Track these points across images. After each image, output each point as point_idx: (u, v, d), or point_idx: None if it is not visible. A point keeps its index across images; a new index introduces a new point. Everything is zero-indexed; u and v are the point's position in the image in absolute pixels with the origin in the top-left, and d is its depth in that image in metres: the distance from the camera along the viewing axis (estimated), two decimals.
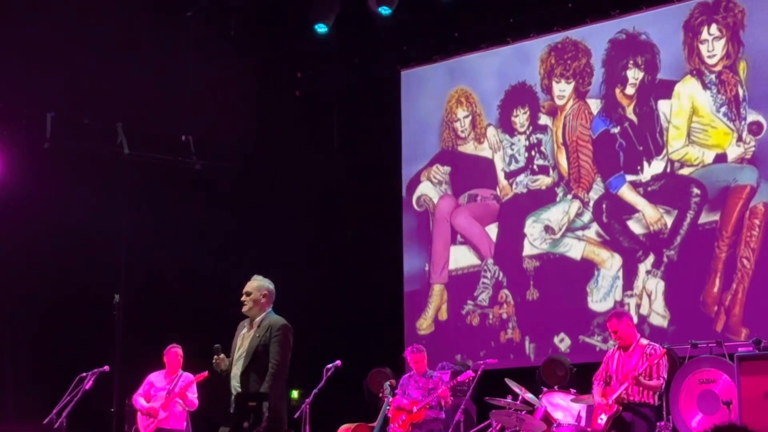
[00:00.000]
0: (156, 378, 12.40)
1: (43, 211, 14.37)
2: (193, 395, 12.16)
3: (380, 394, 12.89)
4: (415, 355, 12.35)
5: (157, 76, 14.73)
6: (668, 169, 13.37)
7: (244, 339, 8.39)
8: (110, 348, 12.14)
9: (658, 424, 10.46)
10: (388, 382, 12.76)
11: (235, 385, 8.17)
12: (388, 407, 12.46)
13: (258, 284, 8.57)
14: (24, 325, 14.24)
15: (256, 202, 16.04)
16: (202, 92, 15.15)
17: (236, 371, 8.26)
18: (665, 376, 9.94)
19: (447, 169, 15.47)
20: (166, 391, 12.20)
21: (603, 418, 9.89)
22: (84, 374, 11.23)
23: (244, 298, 8.50)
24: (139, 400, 12.30)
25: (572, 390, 11.71)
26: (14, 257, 14.24)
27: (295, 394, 15.36)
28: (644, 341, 10.19)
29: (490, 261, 14.83)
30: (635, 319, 13.00)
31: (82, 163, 14.80)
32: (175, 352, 12.32)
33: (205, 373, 12.06)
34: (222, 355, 8.46)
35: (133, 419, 12.54)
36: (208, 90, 15.09)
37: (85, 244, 14.55)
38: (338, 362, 12.37)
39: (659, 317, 13.22)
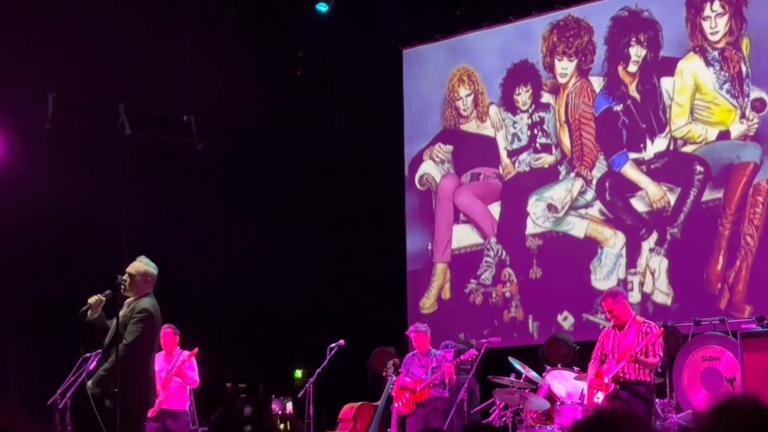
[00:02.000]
0: (156, 359, 12.40)
1: (44, 192, 14.35)
2: (192, 373, 12.15)
3: (383, 373, 12.90)
4: (418, 334, 12.35)
5: (159, 56, 14.70)
6: (671, 147, 13.35)
7: (118, 319, 8.53)
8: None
9: (659, 401, 10.47)
10: (391, 361, 12.77)
11: (102, 359, 8.56)
12: (391, 386, 12.47)
13: (140, 266, 8.80)
14: (26, 306, 14.24)
15: (258, 182, 16.02)
16: (203, 72, 15.11)
17: (104, 346, 8.61)
18: (661, 354, 9.94)
19: (449, 147, 15.44)
20: (165, 372, 12.20)
21: (600, 397, 9.90)
22: (87, 355, 11.20)
23: (125, 277, 8.63)
24: None
25: (575, 368, 11.71)
26: (16, 239, 14.24)
27: (298, 373, 15.38)
28: (639, 318, 10.20)
29: (493, 240, 14.82)
30: (638, 297, 13.00)
31: (84, 144, 14.77)
32: (165, 332, 12.30)
33: (195, 350, 12.07)
34: (102, 298, 8.57)
35: None
36: (210, 70, 15.06)
37: (87, 225, 14.54)
38: (341, 342, 12.38)
39: (663, 295, 13.21)
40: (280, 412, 12.61)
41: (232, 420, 2.51)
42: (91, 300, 8.68)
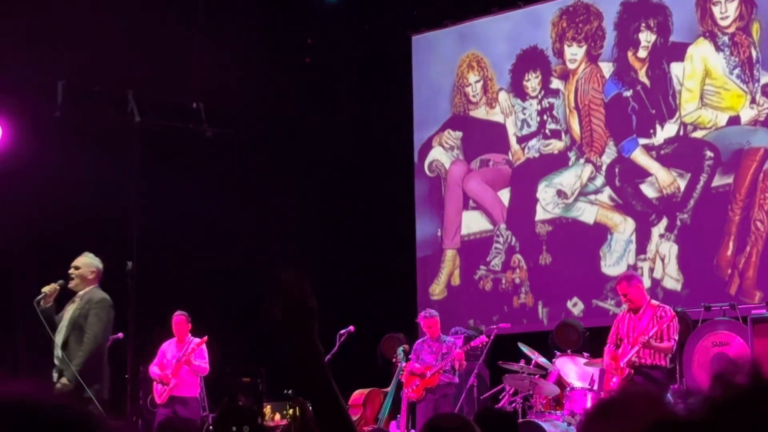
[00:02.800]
0: (168, 346, 12.45)
1: (54, 180, 14.38)
2: (200, 361, 12.19)
3: (393, 360, 12.92)
4: (427, 320, 12.35)
5: (168, 43, 14.70)
6: (681, 132, 13.32)
7: (67, 311, 8.75)
8: (124, 315, 12.16)
9: (670, 387, 10.47)
10: (401, 348, 12.79)
11: (57, 353, 8.62)
12: (401, 372, 12.49)
13: (88, 261, 9.04)
14: (37, 293, 14.26)
15: (267, 169, 16.03)
16: (212, 60, 15.11)
17: (58, 340, 8.68)
18: (676, 338, 9.94)
19: (459, 134, 15.42)
20: (176, 359, 12.25)
21: (614, 381, 9.91)
22: None
23: (72, 271, 8.89)
24: (153, 370, 12.36)
25: (585, 354, 11.71)
26: (26, 226, 14.28)
27: None
28: (654, 303, 10.21)
29: (503, 226, 14.81)
30: (648, 283, 12.99)
31: (93, 131, 14.78)
32: (177, 319, 12.34)
33: (205, 338, 12.11)
34: (57, 287, 8.82)
35: (149, 388, 12.60)
36: (219, 57, 15.06)
37: (97, 212, 14.56)
38: (351, 328, 12.40)
39: (673, 281, 13.20)
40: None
41: (232, 417, 2.53)
42: (46, 289, 8.88)
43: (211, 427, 11.92)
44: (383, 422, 12.87)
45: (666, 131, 13.42)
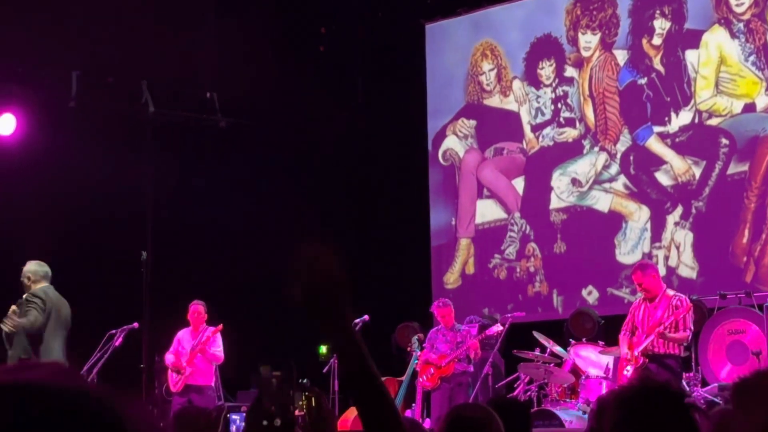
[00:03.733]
0: (183, 335, 12.49)
1: (69, 170, 14.41)
2: (216, 349, 12.20)
3: (408, 349, 12.93)
4: (442, 309, 12.34)
5: (182, 33, 14.70)
6: (696, 120, 13.27)
7: None
8: (139, 305, 12.20)
9: (685, 375, 10.45)
10: (416, 337, 12.79)
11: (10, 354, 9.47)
12: (416, 361, 12.49)
13: (28, 267, 9.89)
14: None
15: (281, 159, 16.03)
16: (226, 50, 15.11)
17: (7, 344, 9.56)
18: (692, 327, 9.93)
19: (472, 122, 15.40)
20: (191, 348, 12.28)
21: (629, 370, 9.90)
22: (113, 331, 11.30)
23: (23, 278, 9.77)
24: (169, 358, 12.39)
25: (600, 342, 11.70)
26: (41, 217, 14.31)
27: (323, 349, 15.41)
28: (670, 292, 10.18)
29: (517, 214, 14.78)
30: (664, 271, 12.95)
31: (108, 122, 14.81)
32: (194, 309, 12.36)
33: (220, 326, 12.13)
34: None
35: (163, 376, 12.64)
36: (233, 47, 15.06)
37: (112, 203, 14.60)
38: (366, 317, 12.40)
39: (688, 269, 13.17)
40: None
41: (266, 408, 2.48)
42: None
43: (230, 416, 11.95)
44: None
45: (681, 119, 13.37)
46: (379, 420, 2.31)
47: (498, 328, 12.18)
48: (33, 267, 9.88)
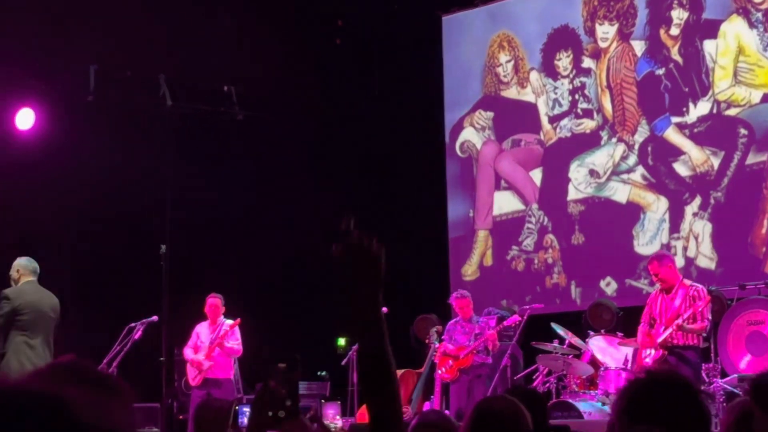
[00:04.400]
0: (202, 329, 12.52)
1: (88, 165, 14.47)
2: (234, 342, 12.23)
3: (426, 341, 12.94)
4: (460, 300, 12.36)
5: (199, 27, 14.73)
6: (714, 110, 13.22)
7: None
8: (158, 298, 12.23)
9: (705, 366, 10.44)
10: (434, 328, 12.80)
11: None
12: (434, 353, 12.51)
13: (18, 262, 10.00)
14: (72, 277, 14.38)
15: (299, 151, 16.05)
16: (243, 42, 15.13)
17: None
18: (710, 318, 9.91)
19: (490, 114, 15.38)
20: (209, 341, 12.31)
21: (648, 361, 9.90)
22: (133, 324, 11.34)
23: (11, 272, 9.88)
24: (188, 352, 12.43)
25: (619, 333, 11.69)
26: (61, 211, 14.37)
27: (341, 341, 15.45)
28: (687, 282, 10.16)
29: (535, 206, 14.77)
30: (682, 262, 12.93)
31: (126, 116, 14.85)
32: (210, 302, 12.39)
33: (238, 320, 12.15)
34: None
35: (183, 370, 12.68)
36: (250, 40, 15.08)
37: (130, 196, 14.64)
38: (384, 309, 12.38)
39: (707, 259, 13.13)
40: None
41: (271, 400, 2.50)
42: None
43: (240, 408, 11.98)
44: (417, 403, 12.90)
45: (699, 109, 13.32)
46: (384, 402, 2.46)
47: (516, 318, 12.19)
48: (24, 261, 10.04)
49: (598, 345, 11.70)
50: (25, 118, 13.99)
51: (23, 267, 9.92)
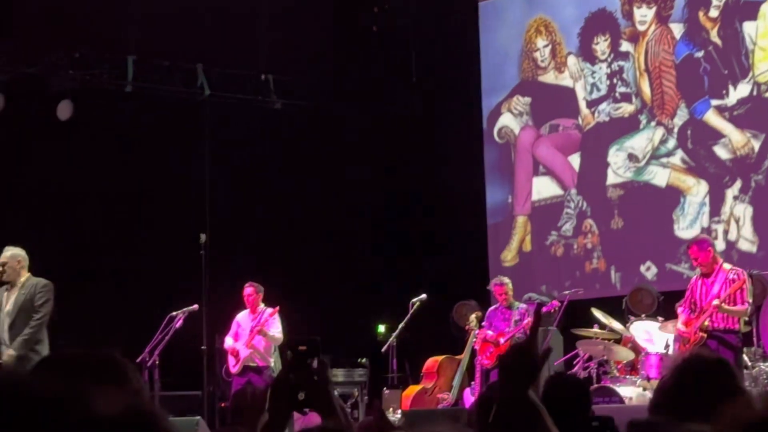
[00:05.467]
0: (242, 317, 12.56)
1: (127, 154, 14.56)
2: (275, 330, 12.25)
3: (466, 327, 12.93)
4: (499, 287, 12.34)
5: (236, 16, 14.77)
6: (754, 92, 13.11)
7: (8, 298, 9.66)
8: (198, 287, 12.30)
9: (746, 349, 10.37)
10: (474, 315, 12.79)
11: (4, 337, 9.50)
12: (474, 339, 12.50)
13: (11, 254, 9.70)
14: (113, 267, 14.49)
15: (336, 139, 16.07)
16: (280, 31, 15.16)
17: (5, 326, 9.55)
18: (750, 301, 9.84)
19: (527, 99, 15.32)
20: (250, 329, 12.36)
21: (686, 348, 9.85)
22: (174, 313, 11.40)
23: (0, 269, 9.65)
24: (227, 341, 12.48)
25: (660, 318, 11.62)
26: (101, 201, 14.47)
27: (381, 328, 15.47)
28: (727, 266, 10.09)
29: (574, 191, 14.71)
30: (723, 246, 12.84)
31: (164, 105, 14.94)
32: (248, 291, 12.41)
33: (278, 308, 12.18)
34: None
35: (223, 358, 12.74)
36: (286, 28, 15.10)
37: (169, 186, 14.73)
38: (423, 296, 12.42)
39: (748, 243, 13.04)
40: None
41: (291, 382, 2.50)
42: None
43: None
44: (457, 390, 12.90)
45: (739, 91, 13.21)
46: None
47: (555, 304, 12.16)
48: (24, 253, 9.88)
49: (639, 330, 11.64)
50: (64, 109, 14.09)
51: (24, 258, 9.80)
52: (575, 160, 14.76)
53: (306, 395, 2.54)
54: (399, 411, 11.94)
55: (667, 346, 10.91)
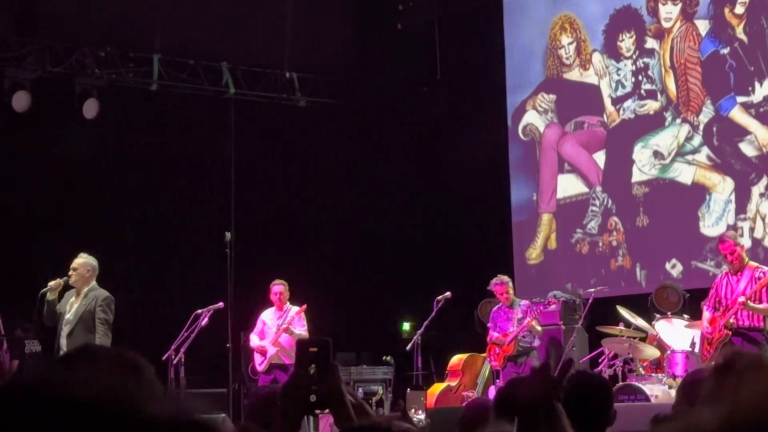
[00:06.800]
0: (267, 315, 12.59)
1: (152, 153, 14.62)
2: (301, 329, 12.29)
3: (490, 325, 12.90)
4: (499, 286, 12.23)
5: (261, 14, 14.80)
6: None
7: (72, 306, 9.81)
8: (223, 285, 12.35)
9: None
10: None
11: (62, 343, 9.74)
12: None
13: (83, 261, 9.93)
14: (139, 265, 14.56)
15: (360, 136, 16.09)
16: (304, 29, 15.19)
17: (65, 332, 9.79)
18: None
19: (552, 97, 15.30)
20: (276, 328, 12.39)
21: (709, 347, 9.83)
22: (199, 311, 11.43)
23: (71, 272, 9.87)
24: (253, 339, 12.51)
25: (685, 316, 11.59)
26: (128, 199, 14.54)
27: (406, 326, 15.48)
28: (753, 264, 10.06)
29: (599, 188, 14.68)
30: (749, 243, 12.79)
31: (189, 104, 15.00)
32: (275, 289, 12.44)
33: (304, 306, 12.20)
34: (61, 282, 9.90)
35: (249, 355, 12.78)
36: (311, 26, 15.13)
37: (194, 184, 14.79)
38: (448, 294, 12.41)
39: None
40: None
41: (302, 384, 2.49)
42: (52, 283, 9.88)
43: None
44: (482, 388, 12.89)
45: (765, 88, 13.14)
46: None
47: (552, 301, 12.18)
48: (95, 263, 10.08)
49: (665, 328, 11.60)
50: (90, 108, 14.16)
51: (94, 268, 10.00)
52: (600, 157, 14.72)
53: (318, 397, 2.53)
54: (421, 411, 11.92)
55: (693, 344, 10.88)
